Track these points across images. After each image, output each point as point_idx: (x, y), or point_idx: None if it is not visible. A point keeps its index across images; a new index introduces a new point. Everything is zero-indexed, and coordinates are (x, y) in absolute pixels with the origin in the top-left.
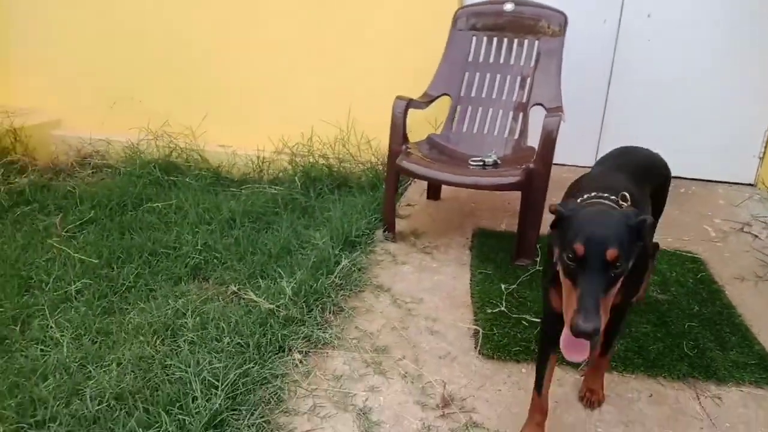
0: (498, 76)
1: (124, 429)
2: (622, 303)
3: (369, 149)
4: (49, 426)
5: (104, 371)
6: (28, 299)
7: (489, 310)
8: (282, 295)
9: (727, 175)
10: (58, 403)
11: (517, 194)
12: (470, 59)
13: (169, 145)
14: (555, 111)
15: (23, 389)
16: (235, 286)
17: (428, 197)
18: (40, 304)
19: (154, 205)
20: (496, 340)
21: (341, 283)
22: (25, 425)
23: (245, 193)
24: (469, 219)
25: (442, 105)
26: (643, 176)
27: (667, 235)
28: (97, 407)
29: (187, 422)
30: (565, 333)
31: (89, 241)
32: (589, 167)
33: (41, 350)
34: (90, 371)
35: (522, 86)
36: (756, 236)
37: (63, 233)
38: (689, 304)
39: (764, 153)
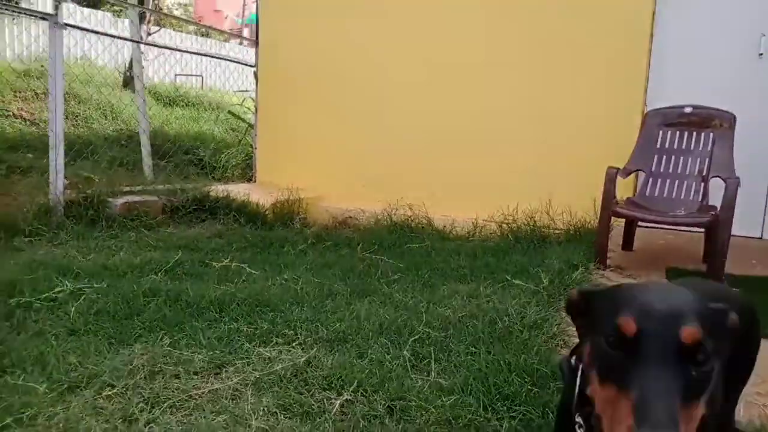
0: (681, 157)
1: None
2: None
3: (563, 217)
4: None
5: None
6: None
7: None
8: (542, 285)
9: None
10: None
11: (699, 245)
12: (658, 146)
13: (406, 214)
14: (732, 178)
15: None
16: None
17: (623, 248)
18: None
19: (410, 245)
20: None
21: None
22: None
23: (470, 244)
24: (660, 261)
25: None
26: None
27: None
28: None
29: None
30: None
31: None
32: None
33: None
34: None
35: (702, 163)
36: None
37: (365, 254)
38: None
39: None
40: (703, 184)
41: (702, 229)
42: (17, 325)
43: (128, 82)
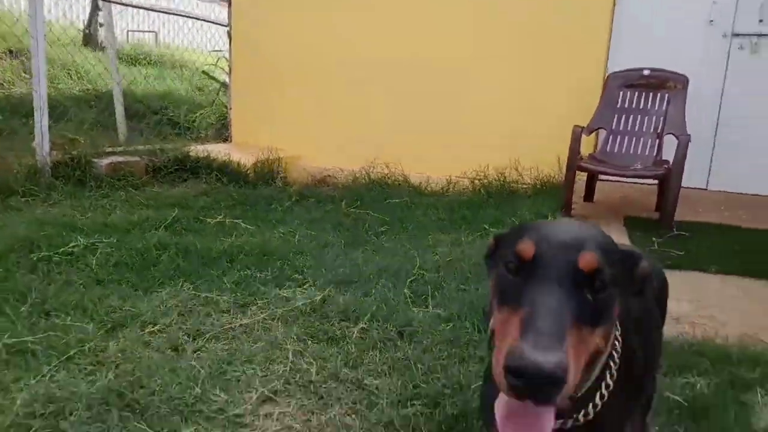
0: (639, 116)
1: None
2: None
3: (531, 173)
4: None
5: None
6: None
7: (647, 247)
8: None
9: None
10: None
11: (653, 196)
12: (618, 106)
13: (383, 172)
14: (684, 135)
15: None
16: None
17: (585, 200)
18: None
19: (391, 201)
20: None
21: None
22: None
23: (446, 199)
24: (619, 211)
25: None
26: None
27: None
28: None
29: None
30: (501, 399)
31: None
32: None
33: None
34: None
35: (657, 121)
36: None
37: (350, 210)
38: None
39: None
40: (657, 140)
41: (656, 181)
42: (44, 276)
43: (88, 40)
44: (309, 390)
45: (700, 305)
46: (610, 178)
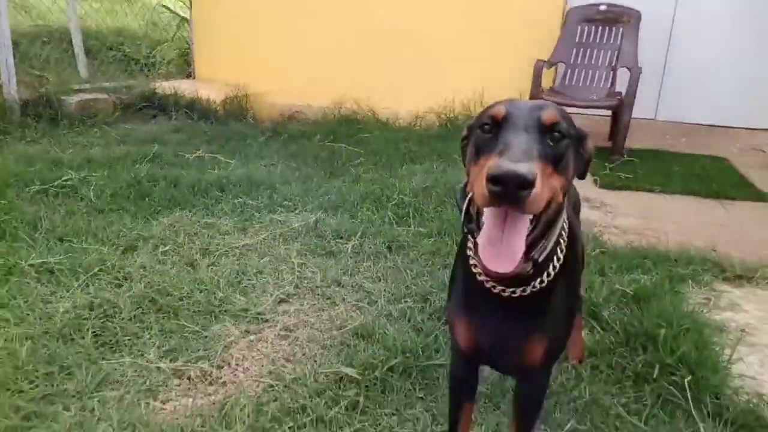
0: (595, 50)
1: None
2: (546, 355)
3: None
4: None
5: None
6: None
7: (600, 172)
8: None
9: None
10: None
11: (606, 126)
12: (577, 40)
13: (352, 108)
14: (636, 68)
15: None
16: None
17: None
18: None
19: (362, 135)
20: (606, 178)
21: None
22: None
23: (414, 132)
24: None
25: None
26: None
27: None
28: None
29: None
30: (483, 232)
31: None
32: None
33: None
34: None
35: (612, 55)
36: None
37: (325, 144)
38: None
39: None
40: (612, 73)
41: (609, 112)
42: (46, 207)
43: None
44: (316, 293)
45: (646, 219)
46: (568, 109)
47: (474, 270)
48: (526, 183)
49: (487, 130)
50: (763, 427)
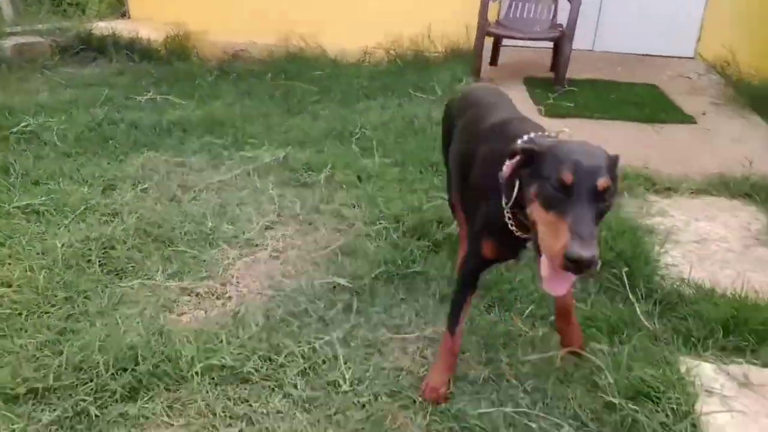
0: None
1: None
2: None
3: (442, 41)
4: None
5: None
6: (293, 103)
7: (544, 102)
8: (437, 95)
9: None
10: None
11: (548, 58)
12: None
13: (299, 45)
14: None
15: None
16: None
17: (491, 64)
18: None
19: (314, 73)
20: (550, 107)
21: None
22: None
23: (365, 68)
24: (520, 72)
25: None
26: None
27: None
28: None
29: None
30: (548, 266)
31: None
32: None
33: None
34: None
35: None
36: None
37: (278, 82)
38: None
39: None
40: (553, 5)
41: (551, 44)
42: (11, 153)
43: None
44: (298, 220)
45: None
46: (511, 43)
47: (510, 227)
48: (593, 264)
49: (556, 189)
50: (683, 302)
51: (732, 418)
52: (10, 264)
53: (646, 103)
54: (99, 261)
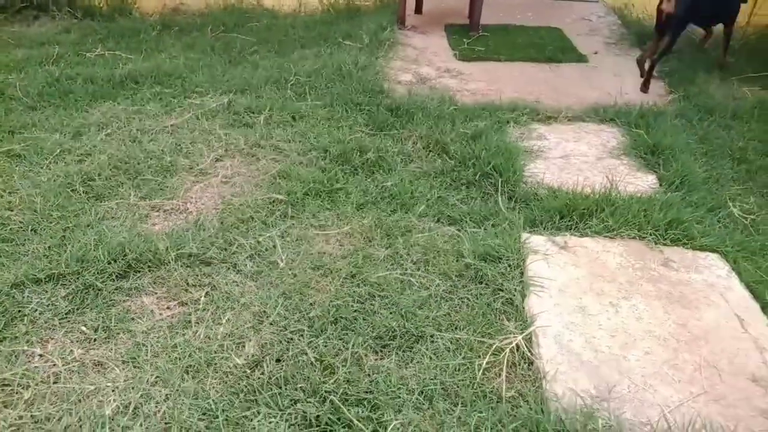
0: None
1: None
2: None
3: None
4: None
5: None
6: (233, 54)
7: (459, 47)
8: (365, 43)
9: None
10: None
11: (466, 6)
12: None
13: None
14: None
15: None
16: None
17: (415, 12)
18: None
19: (252, 24)
20: (463, 51)
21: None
22: None
23: (300, 19)
24: (441, 20)
25: None
26: None
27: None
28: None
29: None
30: None
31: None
32: None
33: None
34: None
35: None
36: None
37: (218, 35)
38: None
39: None
40: None
41: None
42: None
43: None
44: (243, 153)
45: (491, 82)
46: None
47: None
48: None
49: None
50: (537, 199)
51: (548, 266)
52: (9, 194)
53: (548, 45)
54: (82, 190)
